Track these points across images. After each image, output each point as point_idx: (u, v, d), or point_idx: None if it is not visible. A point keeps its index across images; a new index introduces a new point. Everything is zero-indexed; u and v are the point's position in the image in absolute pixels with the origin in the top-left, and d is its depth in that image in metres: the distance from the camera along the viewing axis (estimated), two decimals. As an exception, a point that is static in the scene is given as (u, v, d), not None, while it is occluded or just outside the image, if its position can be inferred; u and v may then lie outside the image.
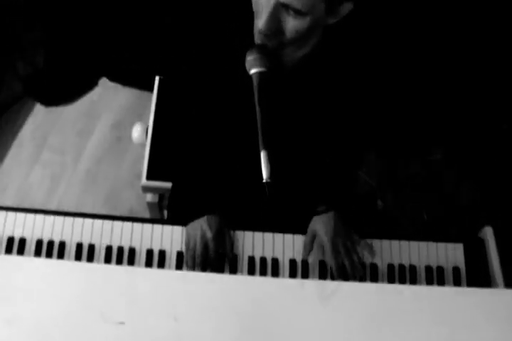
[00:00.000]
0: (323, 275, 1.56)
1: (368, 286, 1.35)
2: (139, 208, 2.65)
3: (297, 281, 1.32)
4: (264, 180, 1.21)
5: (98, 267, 1.36)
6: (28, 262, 1.33)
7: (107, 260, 1.54)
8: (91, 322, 1.23)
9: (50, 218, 1.57)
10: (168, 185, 1.99)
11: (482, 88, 2.12)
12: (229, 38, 1.37)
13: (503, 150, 2.03)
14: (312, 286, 1.31)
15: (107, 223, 1.58)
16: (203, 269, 1.54)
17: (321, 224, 1.57)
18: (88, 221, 1.57)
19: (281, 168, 1.22)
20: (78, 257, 1.53)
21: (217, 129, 1.55)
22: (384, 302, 1.31)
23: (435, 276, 1.56)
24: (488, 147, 2.04)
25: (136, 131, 2.16)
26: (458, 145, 2.04)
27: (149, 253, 1.56)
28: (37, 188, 2.74)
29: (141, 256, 1.55)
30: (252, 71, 1.28)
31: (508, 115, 2.10)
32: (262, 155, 1.22)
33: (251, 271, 1.55)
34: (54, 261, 1.43)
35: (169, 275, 1.31)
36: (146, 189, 2.09)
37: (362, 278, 1.55)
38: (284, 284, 1.32)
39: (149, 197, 2.14)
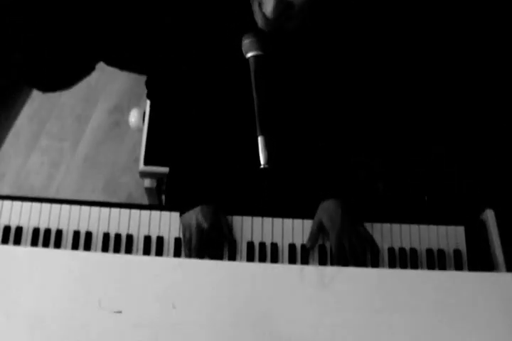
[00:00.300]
0: (323, 260, 1.55)
1: (369, 271, 1.34)
2: (137, 193, 2.63)
3: (296, 267, 1.31)
4: (261, 166, 1.19)
5: (94, 256, 1.35)
6: (24, 252, 1.32)
7: (105, 247, 1.52)
8: (89, 311, 1.22)
9: (47, 206, 1.55)
10: (166, 170, 1.97)
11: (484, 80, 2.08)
12: (225, 21, 1.34)
13: (505, 135, 2.01)
14: (311, 272, 1.30)
15: (104, 210, 1.56)
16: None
17: (327, 216, 1.53)
18: (85, 208, 1.56)
19: (278, 153, 1.20)
20: (75, 245, 1.52)
21: (213, 115, 1.52)
22: (385, 288, 1.30)
23: (436, 259, 1.55)
24: (490, 132, 2.02)
25: (133, 117, 2.14)
26: (460, 135, 2.01)
27: (147, 240, 1.54)
28: (35, 175, 2.72)
29: (138, 243, 1.54)
30: (249, 55, 1.25)
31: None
32: (259, 140, 1.20)
33: (250, 257, 1.54)
34: (50, 251, 1.42)
35: (167, 263, 1.30)
36: (144, 174, 2.07)
37: (362, 262, 1.53)
38: (283, 270, 1.31)
39: (147, 182, 2.12)
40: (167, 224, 1.57)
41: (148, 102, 2.09)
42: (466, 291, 1.29)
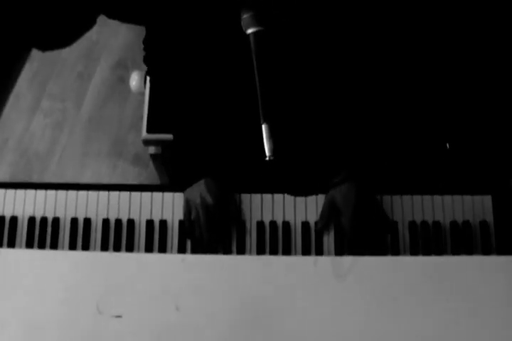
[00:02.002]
0: (339, 239, 1.44)
1: (387, 260, 1.23)
2: (144, 153, 2.52)
3: (310, 258, 1.21)
4: (266, 158, 1.08)
5: (89, 256, 1.25)
6: (15, 255, 1.23)
7: (105, 234, 1.43)
8: (86, 317, 1.14)
9: (41, 193, 1.45)
10: (171, 137, 1.86)
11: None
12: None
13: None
14: (326, 263, 1.20)
15: (103, 194, 1.46)
16: (211, 239, 1.43)
17: (340, 194, 1.42)
18: (82, 193, 1.46)
19: (286, 139, 1.09)
20: (74, 234, 1.43)
21: (214, 95, 1.42)
22: (404, 277, 1.19)
23: (461, 232, 1.44)
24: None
25: (134, 80, 2.01)
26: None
27: (150, 224, 1.44)
28: (39, 139, 2.62)
29: (140, 228, 1.45)
30: (249, 31, 1.13)
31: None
32: (264, 128, 1.09)
33: (260, 237, 1.44)
34: (41, 252, 1.33)
35: (168, 260, 1.20)
36: (147, 142, 1.96)
37: (380, 243, 1.43)
38: (296, 262, 1.21)
39: (152, 149, 2.02)
40: (170, 206, 1.47)
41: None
42: (490, 279, 1.18)
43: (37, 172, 2.53)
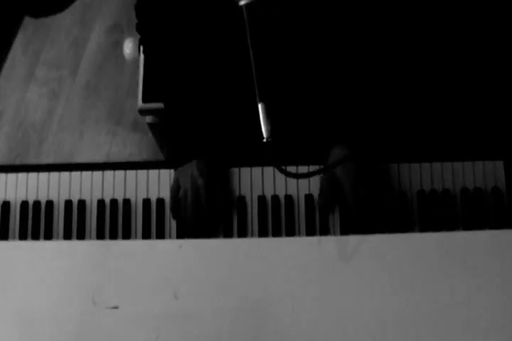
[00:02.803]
0: (344, 210, 1.38)
1: (396, 238, 1.17)
2: (143, 119, 2.45)
3: (313, 239, 1.15)
4: (264, 140, 1.03)
5: (82, 245, 1.20)
6: (5, 247, 1.18)
7: (100, 216, 1.38)
8: (82, 309, 1.09)
9: (33, 175, 1.40)
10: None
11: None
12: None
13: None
14: (331, 243, 1.14)
15: (97, 174, 1.40)
16: (194, 222, 1.36)
17: (339, 170, 1.35)
18: (75, 174, 1.40)
19: (283, 118, 1.02)
20: (68, 216, 1.37)
21: (207, 68, 1.36)
22: (415, 255, 1.14)
23: (473, 199, 1.37)
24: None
25: (128, 48, 1.92)
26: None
27: (146, 203, 1.39)
28: (35, 109, 2.55)
29: (137, 208, 1.39)
30: (242, 2, 1.05)
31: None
32: (260, 108, 1.03)
33: (262, 213, 1.38)
34: (32, 243, 1.28)
35: (165, 247, 1.15)
36: (144, 112, 1.89)
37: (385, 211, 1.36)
38: (299, 243, 1.15)
39: (149, 118, 1.95)
40: (167, 183, 1.41)
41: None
42: (503, 254, 1.13)
43: (34, 145, 2.47)
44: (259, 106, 1.04)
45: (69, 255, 1.15)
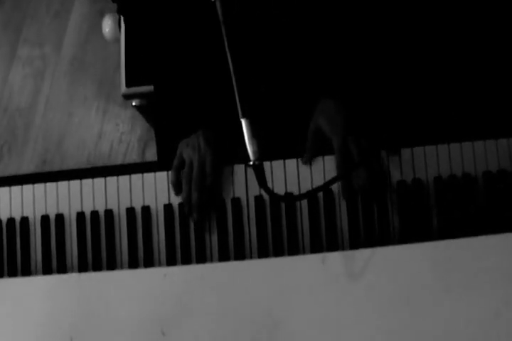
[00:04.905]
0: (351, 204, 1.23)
1: (411, 248, 1.02)
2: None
3: (316, 257, 1.00)
4: (250, 162, 0.95)
5: (57, 279, 1.06)
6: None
7: (81, 230, 1.24)
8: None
9: (4, 190, 1.26)
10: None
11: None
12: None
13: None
14: (337, 260, 0.99)
15: (74, 183, 1.26)
16: (200, 197, 1.23)
17: (325, 118, 1.23)
18: (51, 185, 1.26)
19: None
20: (46, 234, 1.24)
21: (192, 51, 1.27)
22: (433, 266, 0.99)
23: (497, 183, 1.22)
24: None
25: (107, 26, 1.72)
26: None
27: (130, 212, 1.25)
28: (20, 90, 2.41)
29: (121, 220, 1.25)
30: None
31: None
32: (244, 125, 0.94)
33: (260, 212, 1.23)
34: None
35: (148, 276, 1.01)
36: (128, 97, 1.73)
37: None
38: (300, 263, 1.01)
39: (136, 101, 1.79)
40: (152, 188, 1.26)
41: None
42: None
43: (21, 129, 2.32)
44: (243, 122, 0.90)
45: (44, 291, 1.03)
